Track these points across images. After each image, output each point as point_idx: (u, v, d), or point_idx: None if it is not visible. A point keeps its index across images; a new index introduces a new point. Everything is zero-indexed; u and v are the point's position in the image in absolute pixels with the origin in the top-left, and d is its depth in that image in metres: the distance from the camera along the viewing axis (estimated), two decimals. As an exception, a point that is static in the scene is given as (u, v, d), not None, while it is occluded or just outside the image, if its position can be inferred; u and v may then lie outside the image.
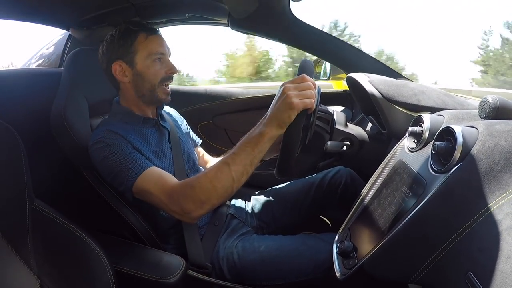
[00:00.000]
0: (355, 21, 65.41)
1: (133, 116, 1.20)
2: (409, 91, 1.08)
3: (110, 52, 1.16)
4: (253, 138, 0.93)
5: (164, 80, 1.18)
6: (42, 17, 1.40)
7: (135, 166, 1.04)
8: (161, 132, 1.25)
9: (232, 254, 1.15)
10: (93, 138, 1.10)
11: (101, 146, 1.07)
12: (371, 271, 0.79)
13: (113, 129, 1.10)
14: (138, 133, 1.16)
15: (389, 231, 0.76)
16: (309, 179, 1.46)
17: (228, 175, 0.94)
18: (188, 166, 1.29)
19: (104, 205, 1.12)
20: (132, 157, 1.06)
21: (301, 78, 0.92)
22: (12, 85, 1.25)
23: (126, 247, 1.09)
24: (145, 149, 1.13)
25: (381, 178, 0.97)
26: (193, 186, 0.97)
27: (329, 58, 1.62)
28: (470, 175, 0.66)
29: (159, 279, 0.94)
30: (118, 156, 1.05)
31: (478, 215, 0.63)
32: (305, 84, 0.91)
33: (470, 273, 0.59)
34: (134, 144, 1.10)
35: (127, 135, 1.10)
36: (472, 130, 0.71)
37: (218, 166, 0.96)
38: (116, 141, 1.07)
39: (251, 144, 0.93)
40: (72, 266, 0.88)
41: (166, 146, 1.23)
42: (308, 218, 1.44)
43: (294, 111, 0.88)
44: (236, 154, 0.95)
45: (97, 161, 1.08)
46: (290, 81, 0.92)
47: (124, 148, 1.07)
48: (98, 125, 1.19)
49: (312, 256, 1.12)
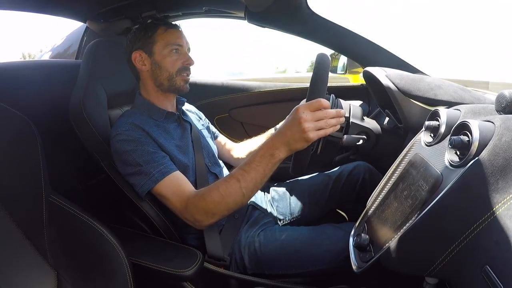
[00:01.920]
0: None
1: (156, 110, 1.23)
2: (425, 85, 1.07)
3: (132, 42, 1.22)
4: (264, 158, 0.96)
5: (181, 71, 1.23)
6: (59, 9, 1.42)
7: (157, 170, 1.07)
8: (183, 127, 1.28)
9: (254, 242, 1.18)
10: (115, 129, 1.12)
11: (123, 138, 1.09)
12: (387, 265, 0.80)
13: (137, 122, 1.13)
14: (161, 127, 1.20)
15: (406, 225, 0.76)
16: (327, 174, 1.47)
17: (239, 191, 0.99)
18: (208, 159, 1.32)
19: (122, 197, 1.13)
20: (154, 159, 1.08)
21: (318, 104, 0.90)
22: (29, 77, 1.27)
23: (143, 240, 1.11)
24: (168, 144, 1.16)
25: (398, 172, 0.97)
26: (206, 199, 1.02)
27: (346, 52, 1.61)
28: (487, 169, 0.65)
29: (176, 271, 0.95)
30: (140, 154, 1.08)
31: (495, 208, 0.63)
32: (322, 113, 0.91)
33: (486, 266, 0.59)
34: (157, 139, 1.13)
35: (150, 130, 1.13)
36: (489, 125, 0.71)
37: (229, 182, 1.00)
38: (139, 137, 1.10)
39: (262, 164, 0.97)
40: (89, 258, 0.89)
41: (188, 141, 1.26)
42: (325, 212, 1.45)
43: (309, 143, 0.91)
44: (246, 172, 0.98)
45: (117, 153, 1.10)
46: (306, 106, 0.91)
47: (146, 146, 1.09)
48: (121, 116, 1.21)
49: (330, 245, 1.13)
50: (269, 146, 0.96)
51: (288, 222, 1.41)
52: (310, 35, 1.54)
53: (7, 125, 0.85)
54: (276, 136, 0.95)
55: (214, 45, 37.43)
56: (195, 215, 1.05)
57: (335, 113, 0.92)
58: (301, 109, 0.91)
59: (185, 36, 1.26)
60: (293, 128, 0.91)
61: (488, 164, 0.66)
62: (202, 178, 1.23)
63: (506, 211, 0.62)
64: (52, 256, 0.87)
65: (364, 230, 0.97)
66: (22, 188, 0.86)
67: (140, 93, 1.28)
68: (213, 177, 1.33)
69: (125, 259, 0.89)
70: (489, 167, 0.65)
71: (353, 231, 1.02)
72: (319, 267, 1.12)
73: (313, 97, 0.92)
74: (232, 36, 50.81)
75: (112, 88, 1.30)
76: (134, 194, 1.12)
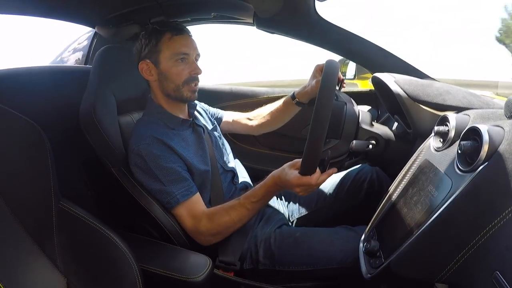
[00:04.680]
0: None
1: (171, 118, 1.23)
2: (434, 90, 1.07)
3: (138, 51, 1.21)
4: (264, 200, 1.12)
5: (188, 81, 1.20)
6: (69, 14, 1.43)
7: (179, 191, 1.12)
8: (197, 133, 1.29)
9: (270, 238, 1.19)
10: (136, 142, 1.13)
11: (145, 153, 1.11)
12: (397, 271, 0.80)
13: (157, 135, 1.13)
14: (179, 136, 1.21)
15: (416, 231, 0.76)
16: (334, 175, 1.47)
17: (246, 218, 1.13)
18: (222, 160, 1.36)
19: (132, 203, 1.13)
20: (178, 179, 1.12)
21: (309, 184, 0.98)
22: (39, 83, 1.26)
23: (153, 246, 1.10)
24: (188, 153, 1.18)
25: (407, 177, 0.97)
26: (218, 223, 1.11)
27: (355, 58, 1.61)
28: (497, 174, 0.65)
29: (186, 278, 0.95)
30: (162, 172, 1.11)
31: (505, 213, 0.63)
32: (313, 189, 1.03)
33: (497, 272, 0.59)
34: (178, 150, 1.14)
35: (171, 142, 1.14)
36: (498, 130, 0.70)
37: (238, 210, 1.11)
38: (162, 152, 1.12)
39: (260, 202, 1.11)
40: (99, 265, 0.90)
41: (205, 146, 1.28)
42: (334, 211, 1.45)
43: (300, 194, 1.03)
44: (248, 210, 1.11)
45: (139, 167, 1.13)
46: (297, 183, 0.99)
47: (169, 164, 1.12)
48: (138, 125, 1.23)
49: (343, 245, 1.14)
50: (264, 188, 1.10)
51: (298, 218, 1.43)
52: (318, 41, 1.54)
53: (16, 131, 0.86)
54: (272, 179, 1.08)
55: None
56: (206, 236, 1.13)
57: (325, 178, 1.01)
58: (293, 186, 1.01)
59: (194, 41, 1.23)
60: (285, 186, 1.05)
61: (497, 169, 0.65)
62: (217, 181, 1.26)
63: (516, 216, 0.62)
64: (61, 262, 0.87)
65: (374, 236, 0.97)
66: (31, 194, 0.86)
67: (151, 98, 1.28)
68: (230, 175, 1.36)
69: (135, 265, 0.89)
70: (498, 172, 0.65)
71: (363, 236, 1.02)
72: (330, 265, 1.12)
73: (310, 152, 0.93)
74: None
75: (122, 94, 1.29)
76: (145, 199, 1.13)
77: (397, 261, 0.79)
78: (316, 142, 0.88)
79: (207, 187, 1.23)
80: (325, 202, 1.43)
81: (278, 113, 1.48)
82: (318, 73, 1.31)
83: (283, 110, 1.47)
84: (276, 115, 1.49)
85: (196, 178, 1.18)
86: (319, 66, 1.31)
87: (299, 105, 1.42)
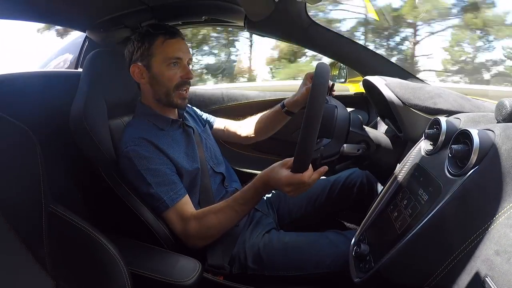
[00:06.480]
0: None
1: (160, 118, 1.23)
2: (425, 94, 1.07)
3: (130, 54, 1.20)
4: (253, 202, 1.09)
5: (180, 86, 1.20)
6: (59, 18, 1.42)
7: (167, 196, 1.11)
8: (187, 133, 1.28)
9: (259, 243, 1.18)
10: (124, 145, 1.12)
11: (133, 155, 1.10)
12: (387, 275, 0.79)
13: (145, 135, 1.13)
14: (168, 136, 1.20)
15: (406, 235, 0.76)
16: (325, 178, 1.47)
17: (235, 220, 1.12)
18: (212, 161, 1.34)
19: (122, 207, 1.12)
20: (166, 182, 1.11)
21: (301, 182, 0.95)
22: (29, 87, 1.25)
23: (142, 250, 1.09)
24: (177, 153, 1.17)
25: (398, 181, 0.97)
26: (206, 225, 1.10)
27: (345, 61, 1.61)
28: (487, 178, 0.65)
29: (175, 281, 0.94)
30: (151, 174, 1.10)
31: (495, 218, 0.62)
32: (305, 188, 0.99)
33: (486, 277, 0.59)
34: (166, 151, 1.14)
35: (159, 142, 1.14)
36: (489, 133, 0.70)
37: (227, 213, 1.10)
38: (151, 154, 1.11)
39: (249, 204, 1.09)
40: (88, 268, 0.89)
41: (194, 147, 1.27)
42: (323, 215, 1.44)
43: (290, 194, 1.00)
44: (245, 205, 1.09)
45: (127, 170, 1.12)
46: (288, 182, 0.97)
47: (158, 165, 1.11)
48: (127, 127, 1.22)
49: (332, 249, 1.13)
50: (254, 189, 1.07)
51: (287, 223, 1.42)
52: (310, 44, 1.54)
53: (6, 135, 0.84)
54: (262, 181, 1.05)
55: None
56: (195, 239, 1.12)
57: (317, 177, 0.98)
58: (283, 185, 0.98)
59: (186, 45, 1.23)
60: (276, 185, 1.01)
61: (488, 173, 0.65)
62: (206, 182, 1.25)
63: (506, 220, 0.61)
64: (51, 266, 0.86)
65: (364, 240, 0.96)
66: (21, 198, 0.84)
67: (141, 101, 1.27)
68: (220, 178, 1.34)
69: (125, 268, 0.88)
70: (489, 176, 0.65)
71: (353, 240, 1.01)
72: (320, 270, 1.12)
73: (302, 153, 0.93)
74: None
75: (112, 98, 1.28)
76: (135, 203, 1.12)
77: (387, 265, 0.78)
78: (309, 137, 0.87)
79: (196, 188, 1.22)
80: (314, 206, 1.43)
81: (268, 123, 1.49)
82: (308, 80, 1.31)
83: (273, 120, 1.47)
84: (267, 125, 1.50)
85: (185, 179, 1.17)
86: (309, 74, 1.32)
87: (289, 114, 1.42)
